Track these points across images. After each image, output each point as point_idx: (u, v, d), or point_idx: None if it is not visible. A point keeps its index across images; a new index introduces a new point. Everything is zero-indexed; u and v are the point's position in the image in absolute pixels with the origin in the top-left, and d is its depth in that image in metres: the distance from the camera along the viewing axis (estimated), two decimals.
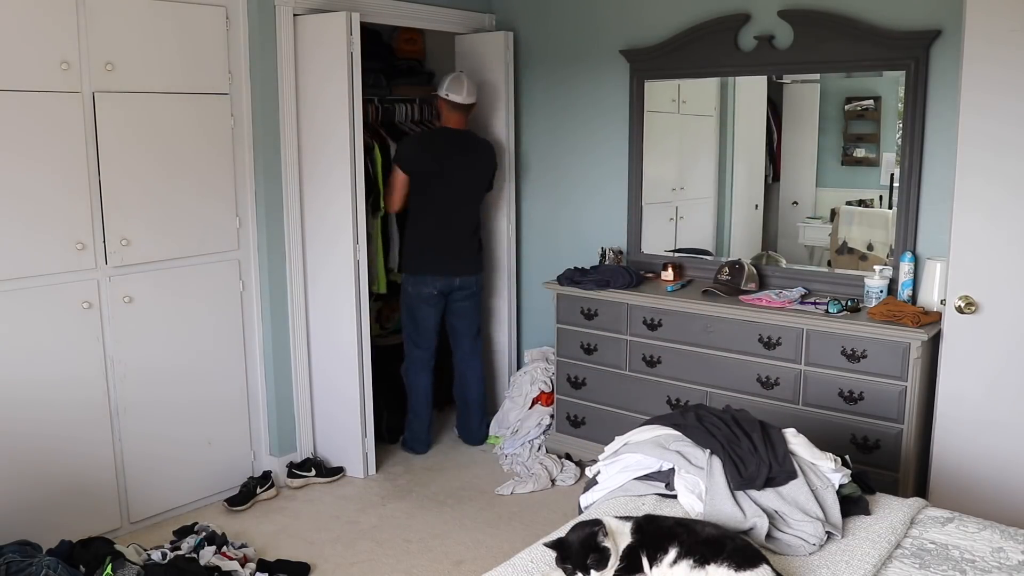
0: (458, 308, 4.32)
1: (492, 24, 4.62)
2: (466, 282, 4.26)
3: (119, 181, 3.32)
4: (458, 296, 4.28)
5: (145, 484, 3.53)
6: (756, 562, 1.90)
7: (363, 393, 3.98)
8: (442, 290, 4.22)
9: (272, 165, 3.81)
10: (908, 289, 3.47)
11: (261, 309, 3.88)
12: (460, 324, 4.37)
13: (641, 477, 2.48)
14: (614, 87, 4.27)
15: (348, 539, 3.49)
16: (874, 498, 2.47)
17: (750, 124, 4.24)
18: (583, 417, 4.14)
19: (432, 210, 4.17)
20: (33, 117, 3.06)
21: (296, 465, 3.99)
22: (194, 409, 3.67)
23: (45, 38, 3.06)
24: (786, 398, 3.48)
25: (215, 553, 3.18)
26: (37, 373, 3.17)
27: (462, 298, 4.30)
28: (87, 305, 3.28)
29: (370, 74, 4.45)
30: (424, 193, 4.15)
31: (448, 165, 4.13)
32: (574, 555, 1.93)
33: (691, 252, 4.27)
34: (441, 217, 4.17)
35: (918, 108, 3.44)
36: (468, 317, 4.36)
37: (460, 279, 4.23)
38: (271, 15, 3.70)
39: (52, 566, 2.67)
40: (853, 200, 3.96)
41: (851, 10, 3.53)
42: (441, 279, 4.19)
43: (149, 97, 3.38)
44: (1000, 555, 2.15)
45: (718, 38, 3.87)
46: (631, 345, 3.91)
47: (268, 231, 3.83)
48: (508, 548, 3.23)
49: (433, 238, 4.19)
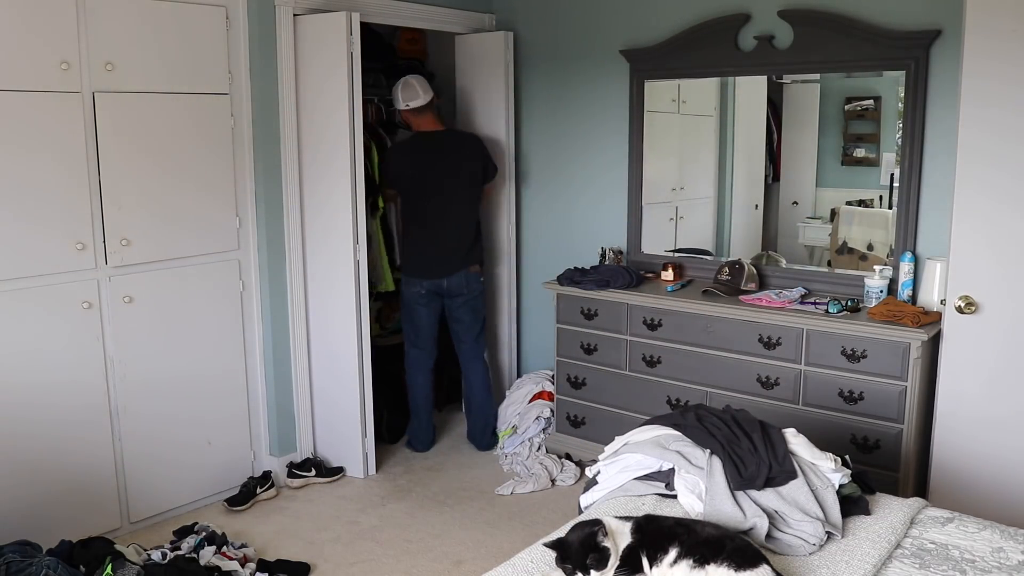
0: (456, 312, 4.32)
1: (492, 24, 4.62)
2: (457, 284, 4.23)
3: (119, 181, 3.32)
4: (455, 299, 4.28)
5: (145, 484, 3.53)
6: (756, 562, 1.90)
7: (363, 393, 3.98)
8: (432, 290, 4.22)
9: (272, 165, 3.81)
10: (908, 289, 3.47)
11: (261, 309, 3.88)
12: (459, 328, 4.36)
13: (641, 477, 2.48)
14: (614, 87, 4.27)
15: (348, 539, 3.49)
16: (874, 498, 2.47)
17: (750, 124, 4.24)
18: (583, 417, 4.14)
19: (417, 215, 4.19)
20: (33, 117, 3.06)
21: (296, 465, 3.99)
22: (194, 409, 3.68)
23: (45, 38, 3.06)
24: (786, 398, 3.48)
25: (215, 553, 3.18)
26: (37, 373, 3.17)
27: (460, 303, 4.29)
28: (87, 305, 3.28)
29: (370, 74, 4.45)
30: (408, 200, 4.19)
31: (431, 170, 4.14)
32: (574, 555, 1.93)
33: (691, 252, 4.27)
34: (426, 221, 4.18)
35: (918, 108, 3.43)
36: (466, 321, 4.33)
37: (447, 280, 4.21)
38: (271, 15, 3.70)
39: (52, 566, 2.67)
40: (853, 200, 3.96)
41: (851, 10, 3.53)
42: (428, 280, 4.21)
43: (149, 97, 3.38)
44: (1000, 555, 2.15)
45: (718, 38, 3.87)
46: (631, 345, 3.91)
47: (268, 231, 3.83)
48: (508, 548, 3.23)
49: (420, 241, 4.22)
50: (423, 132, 4.20)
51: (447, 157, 4.18)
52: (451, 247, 4.22)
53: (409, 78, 4.18)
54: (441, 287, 4.23)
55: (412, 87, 4.13)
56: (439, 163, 4.16)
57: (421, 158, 4.16)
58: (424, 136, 4.20)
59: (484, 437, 4.42)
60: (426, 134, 4.19)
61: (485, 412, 4.42)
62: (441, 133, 4.23)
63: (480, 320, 4.40)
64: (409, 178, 4.16)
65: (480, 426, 4.43)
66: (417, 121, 4.19)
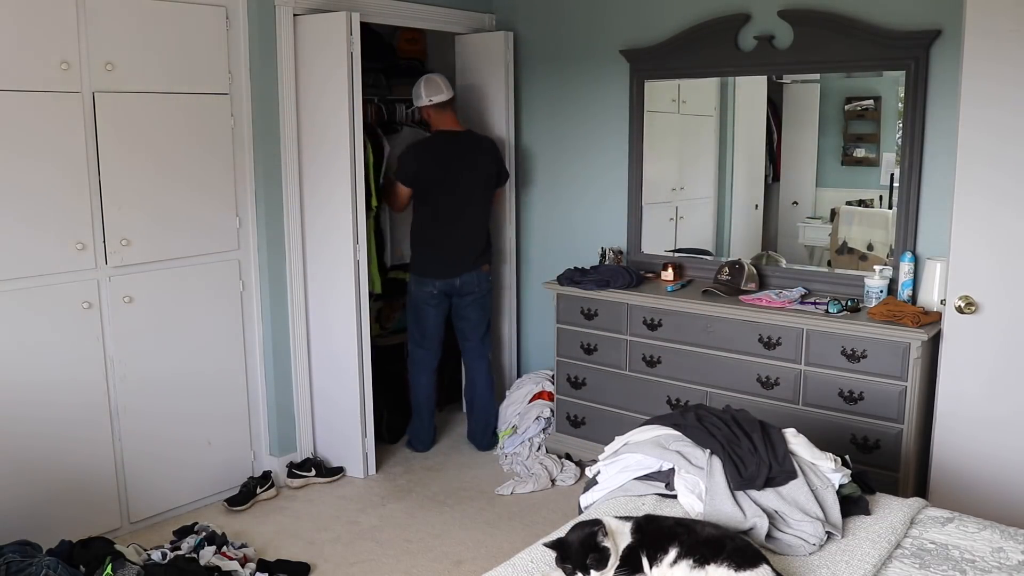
0: (464, 310, 4.30)
1: (492, 24, 4.62)
2: (468, 282, 4.22)
3: (119, 181, 3.32)
4: (464, 298, 4.26)
5: (145, 484, 3.53)
6: (756, 562, 1.90)
7: (363, 393, 3.98)
8: (443, 290, 4.20)
9: (272, 165, 3.81)
10: (908, 289, 3.47)
11: (261, 309, 3.88)
12: (466, 326, 4.35)
13: (641, 477, 2.48)
14: (614, 87, 4.27)
15: (348, 539, 3.49)
16: (874, 498, 2.47)
17: (750, 124, 4.24)
18: (583, 417, 4.14)
19: (434, 215, 4.15)
20: (33, 117, 3.06)
21: (296, 465, 3.99)
22: (194, 409, 3.67)
23: (45, 38, 3.06)
24: (786, 398, 3.48)
25: (215, 553, 3.18)
26: (37, 373, 3.17)
27: (469, 301, 4.27)
28: (87, 305, 3.28)
29: (370, 74, 4.45)
30: (427, 200, 4.13)
31: (450, 170, 4.11)
32: (574, 555, 1.93)
33: (691, 252, 4.27)
34: (444, 221, 4.15)
35: (918, 108, 3.43)
36: (473, 319, 4.32)
37: (460, 279, 4.20)
38: (271, 15, 3.70)
39: (52, 566, 2.67)
40: (853, 200, 3.96)
41: (851, 10, 3.53)
42: (441, 281, 4.18)
43: (149, 97, 3.38)
44: (1000, 555, 2.15)
45: (718, 38, 3.87)
46: (631, 345, 3.91)
47: (268, 231, 3.83)
48: (508, 548, 3.23)
49: (436, 242, 4.17)
50: (443, 131, 4.17)
51: (466, 157, 4.16)
52: (467, 246, 4.21)
53: (432, 75, 4.17)
54: (453, 286, 4.20)
55: (435, 83, 4.12)
56: (459, 162, 4.14)
57: (443, 157, 4.12)
58: (445, 135, 4.17)
59: (485, 437, 4.41)
60: (447, 133, 4.16)
61: (487, 412, 4.41)
62: (461, 133, 4.20)
63: (487, 319, 4.39)
64: (430, 177, 4.09)
65: (482, 426, 4.42)
66: (438, 119, 4.16)
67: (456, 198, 4.15)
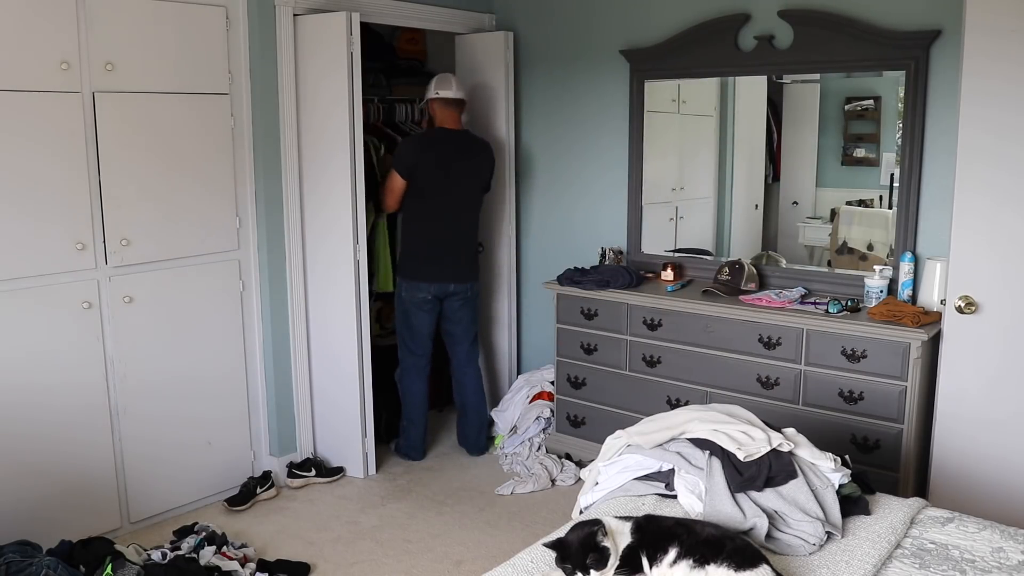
0: (454, 314, 4.23)
1: (492, 24, 4.62)
2: (461, 287, 4.18)
3: (119, 181, 3.32)
4: (454, 301, 4.20)
5: (145, 484, 3.53)
6: (756, 562, 1.90)
7: (363, 393, 3.98)
8: (437, 295, 4.14)
9: (272, 165, 3.81)
10: (908, 289, 3.47)
11: (261, 309, 3.88)
12: (456, 330, 4.28)
13: (641, 477, 2.48)
14: (614, 87, 4.27)
15: (348, 539, 3.49)
16: (874, 498, 2.47)
17: (750, 124, 4.24)
18: (583, 417, 4.14)
19: (429, 214, 4.08)
20: (33, 117, 3.06)
21: (296, 465, 3.99)
22: (194, 409, 3.67)
23: (45, 38, 3.06)
24: (786, 398, 3.48)
25: (215, 553, 3.18)
26: (37, 373, 3.17)
27: (459, 305, 4.21)
28: (87, 305, 3.28)
29: (370, 74, 4.45)
30: (422, 197, 4.05)
31: (448, 168, 4.06)
32: (574, 555, 1.93)
33: (691, 252, 4.27)
34: (439, 221, 4.10)
35: (918, 108, 3.43)
36: (464, 323, 4.27)
37: (455, 284, 4.15)
38: (271, 15, 3.70)
39: (52, 566, 2.67)
40: (853, 200, 3.96)
41: (851, 10, 3.53)
42: (435, 285, 4.11)
43: (149, 97, 3.38)
44: (1000, 555, 2.15)
45: (718, 38, 3.87)
46: (631, 345, 3.91)
47: (268, 231, 3.83)
48: (508, 548, 3.23)
49: (430, 243, 4.11)
50: (444, 128, 4.12)
51: (465, 157, 4.12)
52: (462, 250, 4.17)
53: (448, 74, 4.19)
54: (447, 290, 4.14)
55: (448, 79, 4.12)
56: (458, 162, 4.10)
57: (443, 154, 4.06)
58: (445, 132, 4.11)
59: (480, 441, 4.36)
60: (447, 131, 4.11)
61: (481, 416, 4.37)
62: (464, 133, 4.18)
63: (476, 323, 4.36)
64: (428, 173, 4.02)
65: (475, 430, 4.35)
66: (443, 114, 4.11)
67: (453, 198, 4.11)
